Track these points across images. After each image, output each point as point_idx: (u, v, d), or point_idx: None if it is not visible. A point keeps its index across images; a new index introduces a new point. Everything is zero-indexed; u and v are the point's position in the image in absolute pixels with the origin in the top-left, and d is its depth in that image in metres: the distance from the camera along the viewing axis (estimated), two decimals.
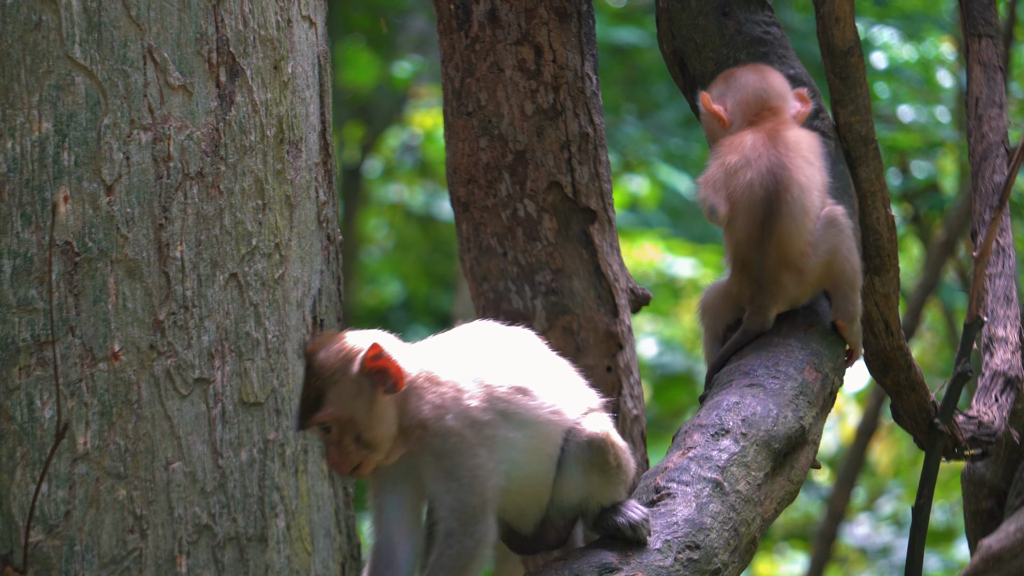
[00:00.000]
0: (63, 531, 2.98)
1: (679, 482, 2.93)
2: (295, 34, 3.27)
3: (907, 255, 9.26)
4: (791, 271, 3.19)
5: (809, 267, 3.20)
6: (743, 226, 3.19)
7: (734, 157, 3.23)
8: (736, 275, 3.23)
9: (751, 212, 3.16)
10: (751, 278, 3.18)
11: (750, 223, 3.16)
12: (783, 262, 3.18)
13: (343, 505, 3.36)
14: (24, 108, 3.00)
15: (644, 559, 2.81)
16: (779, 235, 3.15)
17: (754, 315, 3.20)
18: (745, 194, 3.17)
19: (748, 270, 3.18)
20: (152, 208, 3.06)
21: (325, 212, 3.34)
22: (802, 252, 3.18)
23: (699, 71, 3.48)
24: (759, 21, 3.48)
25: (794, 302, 3.26)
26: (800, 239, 3.17)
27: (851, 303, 3.25)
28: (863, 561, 10.47)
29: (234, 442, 3.12)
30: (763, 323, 3.21)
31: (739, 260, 3.21)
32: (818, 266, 3.22)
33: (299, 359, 3.22)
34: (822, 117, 3.39)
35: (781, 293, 3.21)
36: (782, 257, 3.18)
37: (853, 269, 3.24)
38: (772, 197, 3.14)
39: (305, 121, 3.29)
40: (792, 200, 3.15)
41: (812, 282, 3.24)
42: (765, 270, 3.17)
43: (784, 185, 3.15)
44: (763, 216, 3.16)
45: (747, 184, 3.16)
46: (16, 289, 2.99)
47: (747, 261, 3.18)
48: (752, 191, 3.16)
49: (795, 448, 3.11)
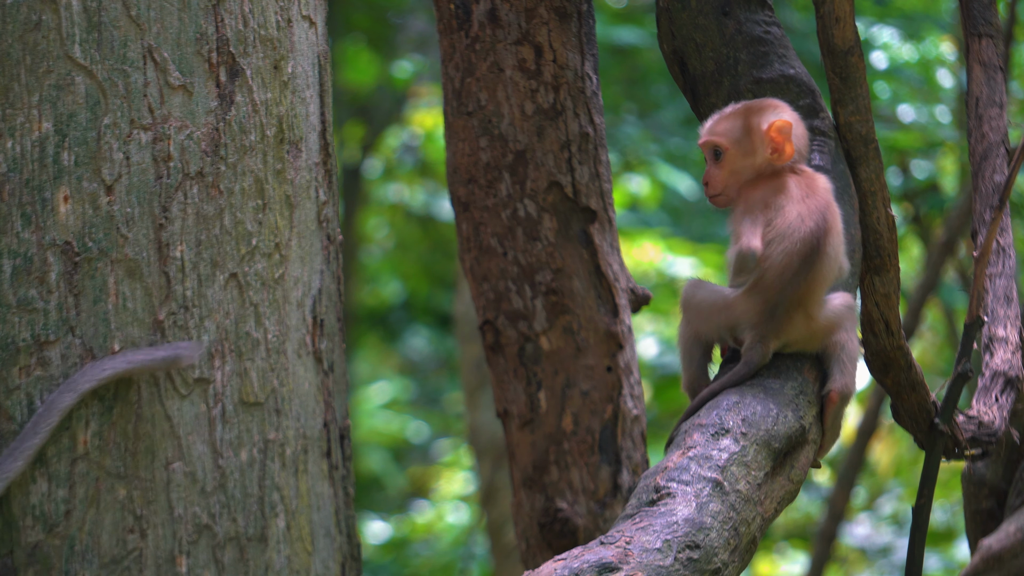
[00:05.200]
0: (63, 531, 2.98)
1: (679, 482, 2.93)
2: (295, 34, 3.27)
3: (907, 255, 9.26)
4: (805, 313, 3.13)
5: (818, 318, 3.15)
6: (784, 252, 3.11)
7: (781, 197, 3.16)
8: (749, 295, 3.14)
9: (795, 243, 3.10)
10: (767, 303, 3.11)
11: (792, 253, 3.09)
12: (804, 301, 3.12)
13: (343, 505, 3.36)
14: (24, 108, 3.00)
15: (644, 558, 2.81)
16: (813, 274, 3.11)
17: (756, 344, 3.11)
18: (795, 224, 3.11)
19: (767, 295, 3.11)
20: (152, 208, 3.06)
21: (325, 212, 3.34)
22: (821, 300, 3.14)
23: (699, 71, 3.48)
24: (759, 21, 3.48)
25: (785, 346, 3.17)
26: (826, 285, 3.14)
27: (852, 377, 3.18)
28: (863, 561, 10.47)
29: (234, 442, 3.12)
30: (764, 355, 3.13)
31: (763, 283, 3.12)
32: (825, 324, 3.16)
33: (299, 359, 3.22)
34: (822, 117, 3.39)
35: (787, 330, 3.13)
36: (806, 295, 3.12)
37: (855, 347, 3.19)
38: (819, 236, 3.12)
39: (305, 121, 3.29)
40: (831, 246, 3.13)
41: (814, 334, 3.16)
42: (785, 302, 3.10)
43: (829, 228, 3.13)
44: (807, 251, 3.11)
45: (797, 216, 3.12)
46: (16, 289, 2.99)
47: (770, 286, 3.11)
48: (803, 223, 3.11)
49: (795, 448, 3.11)
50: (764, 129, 3.13)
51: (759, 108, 3.18)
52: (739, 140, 3.15)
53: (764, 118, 3.15)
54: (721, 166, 3.16)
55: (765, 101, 3.20)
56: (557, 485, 3.88)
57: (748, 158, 3.15)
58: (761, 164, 3.15)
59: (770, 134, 3.13)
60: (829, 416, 3.19)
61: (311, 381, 3.27)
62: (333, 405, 3.34)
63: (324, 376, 3.31)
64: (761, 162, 3.14)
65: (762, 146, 3.14)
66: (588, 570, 2.80)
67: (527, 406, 3.88)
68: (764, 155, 3.14)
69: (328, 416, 3.31)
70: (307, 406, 3.25)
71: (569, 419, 3.87)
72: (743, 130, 3.15)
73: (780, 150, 3.14)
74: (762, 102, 3.20)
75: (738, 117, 3.16)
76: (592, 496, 3.88)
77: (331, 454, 3.32)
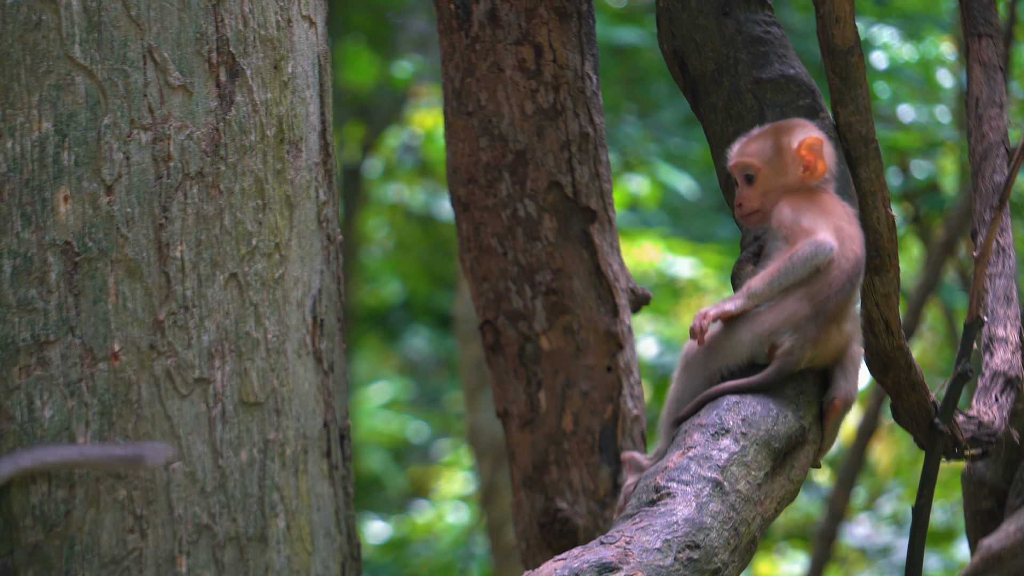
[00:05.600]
0: (63, 531, 2.98)
1: (679, 481, 2.93)
2: (295, 34, 3.27)
3: (907, 255, 9.25)
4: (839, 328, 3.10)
5: (846, 334, 3.12)
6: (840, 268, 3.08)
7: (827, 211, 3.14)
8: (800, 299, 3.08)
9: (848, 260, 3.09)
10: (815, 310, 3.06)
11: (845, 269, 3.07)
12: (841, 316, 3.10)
13: (343, 505, 3.36)
14: (24, 108, 3.00)
15: (644, 558, 2.81)
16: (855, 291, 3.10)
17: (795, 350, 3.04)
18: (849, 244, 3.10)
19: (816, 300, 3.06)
20: (152, 208, 3.06)
21: (325, 212, 3.34)
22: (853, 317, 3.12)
23: (699, 71, 3.48)
24: (759, 21, 3.48)
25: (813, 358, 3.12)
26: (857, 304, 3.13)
27: (855, 385, 3.16)
28: (863, 561, 10.47)
29: (234, 442, 3.12)
30: (798, 362, 3.07)
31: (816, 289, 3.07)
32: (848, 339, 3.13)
33: (299, 359, 3.22)
34: (822, 117, 3.39)
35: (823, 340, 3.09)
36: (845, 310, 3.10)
37: (859, 355, 3.18)
38: (863, 258, 3.12)
39: (305, 121, 3.29)
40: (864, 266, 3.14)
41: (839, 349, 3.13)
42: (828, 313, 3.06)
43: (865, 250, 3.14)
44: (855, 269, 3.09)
45: (850, 237, 3.11)
46: (16, 289, 2.99)
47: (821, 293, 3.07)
48: (853, 243, 3.10)
49: (795, 448, 3.11)
50: (795, 148, 3.12)
51: (788, 128, 3.17)
52: (771, 160, 3.13)
53: (794, 136, 3.14)
54: (754, 187, 3.14)
55: (792, 121, 3.19)
56: (557, 485, 3.88)
57: (781, 177, 3.13)
58: (793, 183, 3.13)
59: (801, 152, 3.11)
60: (831, 422, 3.18)
61: (311, 381, 3.27)
62: (333, 405, 3.34)
63: (324, 376, 3.31)
64: (793, 180, 3.13)
65: (794, 165, 3.12)
66: (588, 570, 2.80)
67: (527, 406, 3.88)
68: (796, 173, 3.13)
69: (328, 416, 3.31)
70: (307, 406, 3.25)
71: (569, 419, 3.88)
72: (774, 150, 3.13)
73: (812, 168, 3.13)
74: (790, 122, 3.19)
75: (768, 137, 3.15)
76: (592, 496, 3.88)
77: (331, 454, 3.32)
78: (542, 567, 2.89)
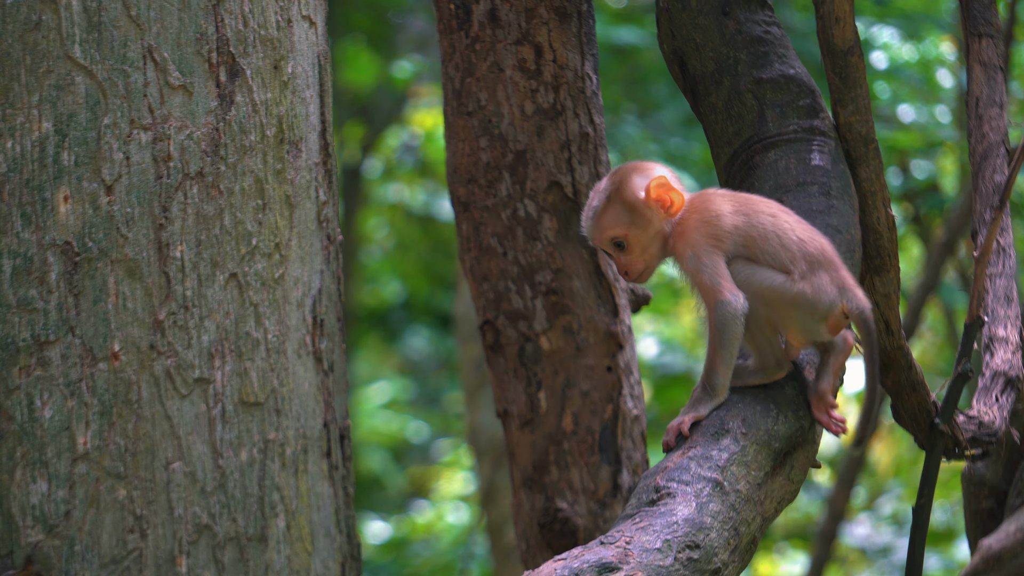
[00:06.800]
0: (63, 531, 2.98)
1: (679, 481, 2.93)
2: (295, 34, 3.27)
3: (907, 255, 9.26)
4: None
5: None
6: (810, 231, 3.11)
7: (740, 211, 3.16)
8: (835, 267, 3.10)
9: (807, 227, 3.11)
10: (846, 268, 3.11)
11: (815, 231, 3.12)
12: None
13: (343, 505, 3.36)
14: (24, 108, 3.00)
15: (644, 558, 2.81)
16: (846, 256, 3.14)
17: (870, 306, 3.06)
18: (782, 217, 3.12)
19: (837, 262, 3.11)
20: (152, 208, 3.06)
21: (325, 212, 3.34)
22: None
23: (699, 71, 3.48)
24: (759, 21, 3.48)
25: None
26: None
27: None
28: (863, 561, 10.47)
29: (234, 442, 3.12)
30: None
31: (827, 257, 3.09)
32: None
33: (299, 359, 3.22)
34: (822, 117, 3.39)
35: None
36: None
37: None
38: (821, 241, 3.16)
39: (305, 121, 3.29)
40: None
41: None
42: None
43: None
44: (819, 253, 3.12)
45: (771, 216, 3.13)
46: (16, 289, 2.99)
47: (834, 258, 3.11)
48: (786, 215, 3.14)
49: (795, 447, 3.11)
50: (644, 198, 3.03)
51: (624, 182, 3.06)
52: (631, 221, 3.05)
53: (636, 188, 3.04)
54: (630, 251, 3.06)
55: (620, 172, 3.08)
56: (557, 485, 3.88)
57: (649, 229, 3.04)
58: (663, 227, 3.10)
59: (652, 199, 3.03)
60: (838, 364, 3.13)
61: (311, 381, 3.27)
62: (333, 405, 3.34)
63: (324, 376, 3.31)
64: (660, 226, 3.09)
65: (654, 213, 3.04)
66: (588, 570, 2.80)
67: (527, 406, 3.88)
68: (660, 218, 3.05)
69: (328, 416, 3.31)
70: (307, 406, 3.25)
71: (569, 419, 3.88)
72: (627, 210, 3.04)
73: (669, 205, 3.04)
74: (619, 174, 3.08)
75: (614, 202, 3.05)
76: (592, 496, 3.88)
77: (331, 454, 3.32)
78: (542, 567, 2.89)
